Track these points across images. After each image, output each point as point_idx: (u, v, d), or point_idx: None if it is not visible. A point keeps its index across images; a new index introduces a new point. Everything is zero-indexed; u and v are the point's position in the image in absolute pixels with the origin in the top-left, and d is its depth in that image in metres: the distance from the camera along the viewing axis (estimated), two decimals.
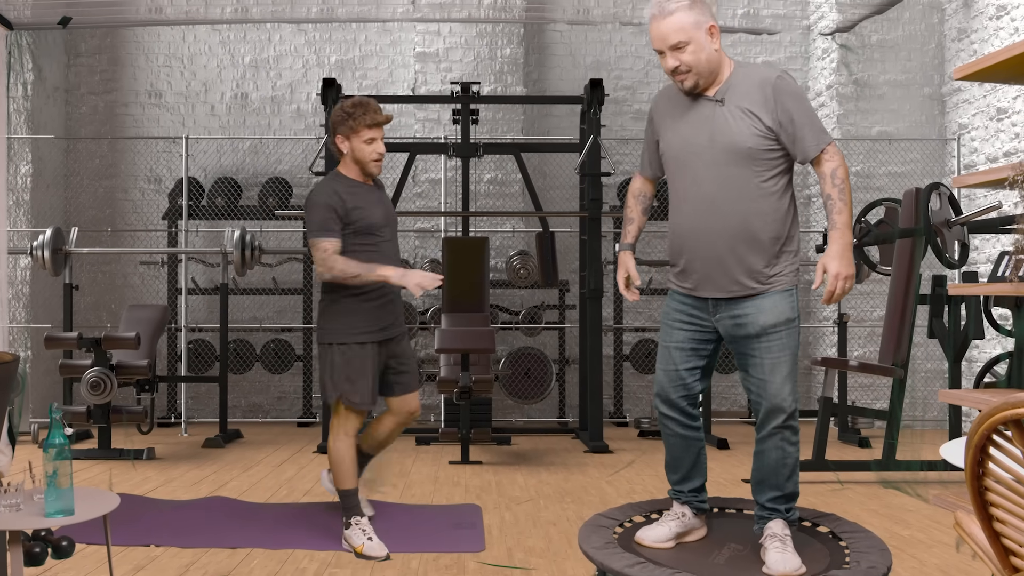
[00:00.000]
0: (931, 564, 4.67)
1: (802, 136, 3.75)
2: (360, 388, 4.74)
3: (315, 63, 11.22)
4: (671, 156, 3.99)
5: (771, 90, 3.76)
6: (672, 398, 4.03)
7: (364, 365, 4.73)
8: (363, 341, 4.74)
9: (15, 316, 10.01)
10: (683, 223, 3.95)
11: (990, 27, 9.44)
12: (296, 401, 10.96)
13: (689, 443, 4.10)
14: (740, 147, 3.76)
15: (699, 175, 3.85)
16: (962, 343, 7.00)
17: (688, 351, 4.00)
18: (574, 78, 11.15)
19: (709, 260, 3.86)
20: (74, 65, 11.13)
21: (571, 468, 7.56)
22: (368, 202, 4.74)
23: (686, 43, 3.75)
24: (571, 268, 10.72)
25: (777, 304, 3.81)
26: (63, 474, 3.39)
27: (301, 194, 10.94)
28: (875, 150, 10.57)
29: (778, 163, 3.81)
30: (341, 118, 4.70)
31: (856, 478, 7.00)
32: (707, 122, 3.83)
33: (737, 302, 3.85)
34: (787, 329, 3.82)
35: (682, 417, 4.06)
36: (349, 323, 4.74)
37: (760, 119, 3.75)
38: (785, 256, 3.85)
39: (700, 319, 3.97)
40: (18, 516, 3.42)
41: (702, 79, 3.82)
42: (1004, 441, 1.73)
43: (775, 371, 3.80)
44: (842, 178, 3.74)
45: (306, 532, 5.13)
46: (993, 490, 1.81)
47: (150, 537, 5.01)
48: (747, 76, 3.84)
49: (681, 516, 4.08)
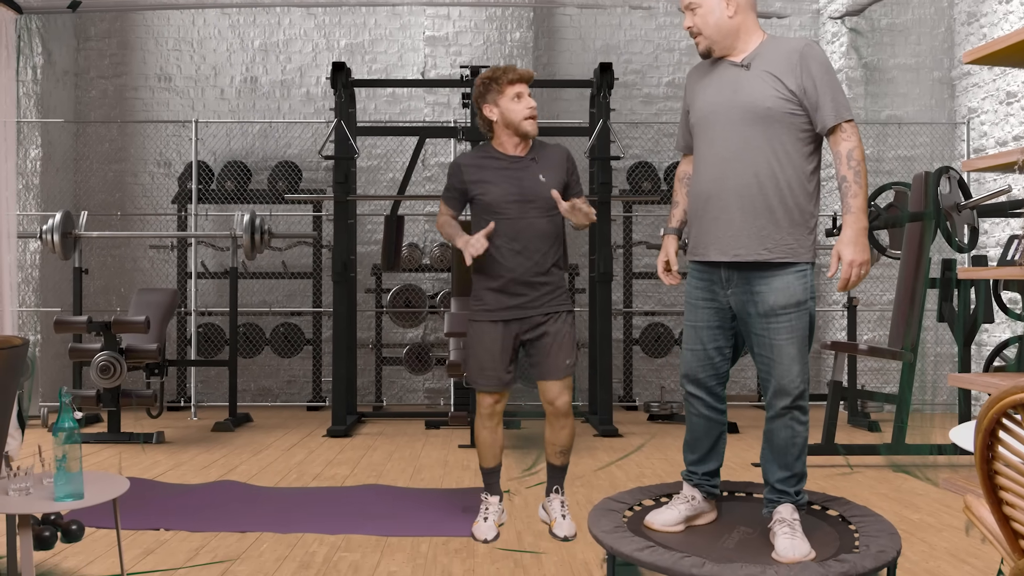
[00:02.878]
0: (941, 548, 4.67)
1: (823, 104, 3.71)
2: (473, 366, 4.69)
3: (324, 47, 11.21)
4: (696, 120, 3.99)
5: (798, 56, 3.74)
6: (700, 377, 4.02)
7: (482, 344, 4.65)
8: (481, 319, 4.66)
9: (25, 300, 10.03)
10: (700, 184, 3.94)
11: (1000, 11, 9.40)
12: (306, 385, 10.98)
13: (712, 425, 4.08)
14: (759, 107, 3.74)
15: (717, 135, 3.85)
16: (972, 327, 6.99)
17: (715, 329, 3.98)
18: (584, 62, 11.12)
19: (719, 220, 3.83)
20: (84, 49, 11.13)
21: (581, 452, 7.56)
22: (498, 178, 4.60)
23: (697, 5, 3.85)
24: (581, 252, 10.72)
25: (789, 284, 3.76)
26: (73, 458, 3.39)
27: (311, 178, 10.95)
28: (885, 134, 10.54)
29: (800, 131, 3.76)
30: (483, 86, 4.60)
31: (866, 462, 7.01)
32: (730, 84, 3.84)
33: (749, 277, 3.81)
34: (797, 311, 3.77)
35: (709, 397, 4.04)
36: (475, 303, 4.70)
37: (783, 82, 3.73)
38: (799, 230, 3.78)
39: (717, 295, 3.95)
40: (28, 500, 3.44)
41: (714, 44, 3.87)
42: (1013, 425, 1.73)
43: (782, 352, 3.77)
44: (858, 160, 3.68)
45: (316, 516, 5.15)
46: (1003, 474, 1.81)
47: (159, 521, 5.03)
48: (777, 45, 3.84)
49: (691, 499, 4.07)
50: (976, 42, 9.97)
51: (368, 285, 10.75)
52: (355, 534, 4.87)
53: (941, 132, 10.49)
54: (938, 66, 10.54)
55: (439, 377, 10.55)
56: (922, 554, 4.56)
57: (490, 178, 4.60)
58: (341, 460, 7.19)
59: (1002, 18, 9.35)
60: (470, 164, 4.67)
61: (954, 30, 10.47)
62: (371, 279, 10.73)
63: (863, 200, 3.69)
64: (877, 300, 10.45)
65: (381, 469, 6.81)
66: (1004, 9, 9.31)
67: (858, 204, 3.68)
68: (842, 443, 7.16)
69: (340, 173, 8.74)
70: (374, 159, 11.08)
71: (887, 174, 10.28)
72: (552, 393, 4.74)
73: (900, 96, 10.55)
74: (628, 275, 10.77)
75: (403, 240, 8.96)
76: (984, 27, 9.75)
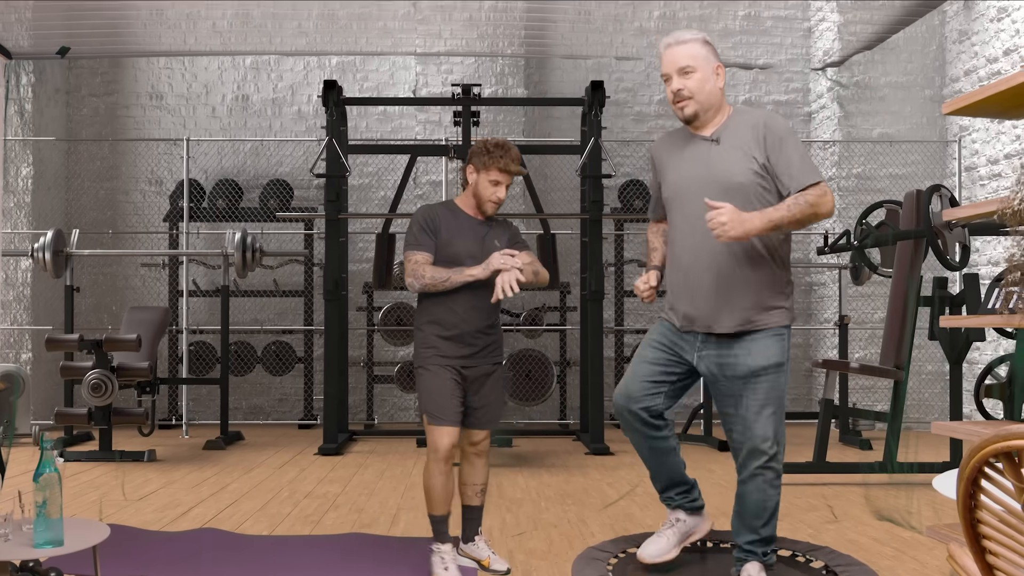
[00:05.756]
0: (932, 565, 4.67)
1: (786, 173, 3.77)
2: (433, 404, 4.60)
3: (316, 65, 11.23)
4: (669, 194, 4.04)
5: (763, 129, 3.82)
6: (632, 408, 4.06)
7: (441, 380, 4.61)
8: (436, 364, 4.63)
9: (16, 318, 10.02)
10: (678, 258, 4.00)
11: (991, 29, 9.43)
12: (297, 403, 10.97)
13: (657, 451, 4.13)
14: (733, 182, 3.79)
15: (693, 211, 3.88)
16: (963, 345, 7.00)
17: (657, 368, 4.04)
18: (575, 80, 11.14)
19: (698, 294, 3.89)
20: (75, 67, 11.14)
21: (572, 470, 7.56)
22: (464, 237, 4.68)
23: (694, 70, 3.87)
24: (572, 270, 10.72)
25: (768, 347, 3.84)
26: (53, 504, 3.35)
27: (302, 196, 10.96)
28: (876, 152, 10.57)
29: (771, 201, 3.81)
30: (480, 151, 4.70)
31: (857, 480, 7.00)
32: (702, 159, 3.90)
33: (726, 342, 3.88)
34: (776, 373, 3.84)
35: (643, 428, 4.08)
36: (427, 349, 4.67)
37: (753, 156, 3.80)
38: (776, 297, 3.88)
39: (680, 350, 4.00)
40: (6, 546, 3.38)
41: (701, 109, 3.90)
42: (995, 473, 1.73)
43: (760, 413, 3.83)
44: (807, 201, 3.69)
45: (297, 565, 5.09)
46: (985, 522, 1.81)
47: (140, 569, 4.95)
48: (742, 119, 3.92)
49: (676, 522, 4.11)
50: (967, 60, 10.00)
51: (360, 303, 10.74)
52: None
53: (932, 150, 10.52)
54: (930, 84, 10.58)
55: None
56: (914, 572, 4.56)
57: (457, 232, 4.69)
58: (333, 478, 7.18)
59: (993, 36, 9.38)
60: (442, 215, 4.74)
61: (946, 48, 10.51)
62: (362, 297, 10.73)
63: (782, 216, 3.67)
64: (868, 318, 10.47)
65: (372, 487, 6.79)
66: (996, 27, 9.34)
67: (775, 215, 3.67)
68: (833, 461, 7.15)
69: (331, 191, 8.74)
70: (365, 177, 11.09)
71: (878, 192, 10.30)
72: (480, 436, 4.74)
73: (892, 114, 10.58)
74: (619, 293, 10.78)
75: (395, 258, 8.96)
76: (975, 45, 9.78)
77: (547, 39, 10.47)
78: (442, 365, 4.61)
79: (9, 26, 9.16)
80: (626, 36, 10.19)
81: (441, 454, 4.56)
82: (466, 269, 4.57)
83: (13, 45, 9.43)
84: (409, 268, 4.61)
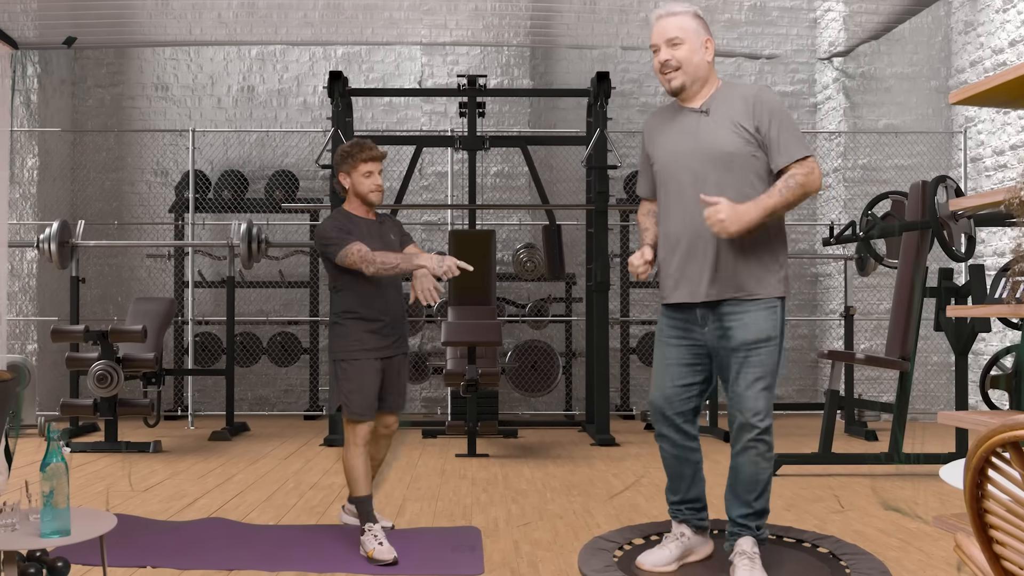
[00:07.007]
0: (938, 556, 4.67)
1: (776, 146, 3.82)
2: (358, 401, 4.91)
3: (321, 56, 11.22)
4: (660, 167, 4.07)
5: (753, 100, 3.86)
6: (667, 414, 4.10)
7: (368, 378, 4.91)
8: (364, 358, 4.91)
9: (22, 309, 10.03)
10: (668, 229, 4.02)
11: (997, 20, 9.40)
12: (303, 394, 10.98)
13: (683, 462, 4.16)
14: (722, 151, 3.83)
15: (683, 181, 3.93)
16: (968, 336, 6.99)
17: (685, 366, 4.07)
18: (580, 71, 11.13)
19: (690, 263, 3.93)
20: (80, 58, 11.13)
21: (577, 461, 7.56)
22: (370, 238, 4.91)
23: (682, 41, 3.90)
24: (577, 261, 10.72)
25: (760, 321, 3.86)
26: (60, 494, 3.36)
27: (308, 187, 10.95)
28: (882, 143, 10.55)
29: (762, 171, 3.87)
30: (341, 157, 4.98)
31: (863, 471, 6.99)
32: (691, 131, 3.94)
33: (722, 312, 3.91)
34: (767, 347, 3.87)
35: (677, 436, 4.13)
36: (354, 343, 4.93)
37: (743, 126, 3.83)
38: (768, 266, 3.90)
39: (693, 333, 4.02)
40: (13, 536, 3.39)
41: (688, 80, 3.93)
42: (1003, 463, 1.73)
43: (751, 387, 3.86)
44: (797, 183, 3.74)
45: (304, 553, 5.09)
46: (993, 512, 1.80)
47: (146, 558, 4.97)
48: (732, 91, 3.96)
49: (680, 537, 4.12)
50: (973, 51, 9.97)
51: None
52: (343, 572, 4.82)
53: (938, 141, 10.50)
54: (935, 75, 10.55)
55: (436, 386, 10.55)
56: (919, 563, 4.55)
57: (361, 235, 4.90)
58: (338, 469, 7.18)
59: (999, 27, 9.35)
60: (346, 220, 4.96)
61: (951, 39, 10.47)
62: None
63: (776, 202, 3.73)
64: (874, 309, 10.45)
65: (378, 479, 6.79)
66: (1001, 18, 9.31)
67: (770, 202, 3.73)
68: (839, 452, 7.15)
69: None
70: None
71: (884, 183, 10.28)
72: (392, 419, 5.19)
73: (897, 105, 10.56)
74: (625, 284, 10.77)
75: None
76: (981, 36, 9.75)
77: (553, 29, 10.47)
78: (367, 359, 4.90)
79: (15, 16, 9.18)
80: (631, 26, 10.20)
81: (360, 440, 4.92)
82: (414, 258, 4.83)
83: (19, 35, 9.45)
84: (356, 257, 4.79)
